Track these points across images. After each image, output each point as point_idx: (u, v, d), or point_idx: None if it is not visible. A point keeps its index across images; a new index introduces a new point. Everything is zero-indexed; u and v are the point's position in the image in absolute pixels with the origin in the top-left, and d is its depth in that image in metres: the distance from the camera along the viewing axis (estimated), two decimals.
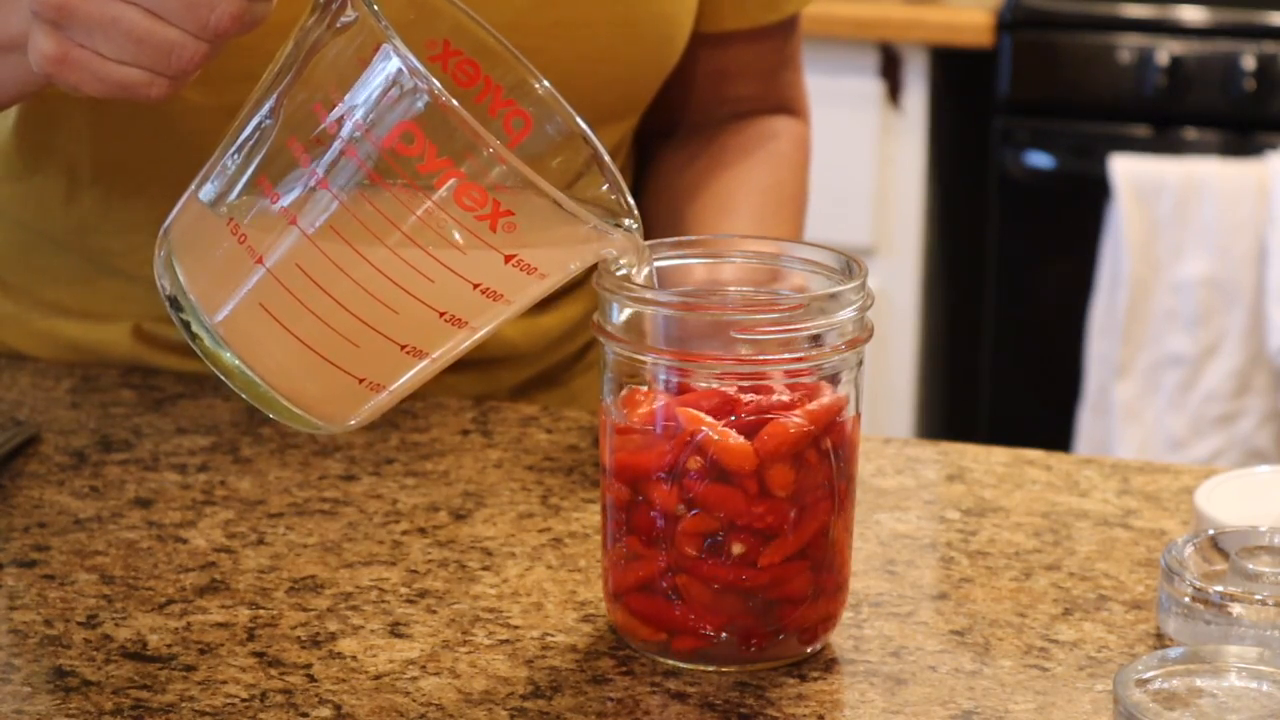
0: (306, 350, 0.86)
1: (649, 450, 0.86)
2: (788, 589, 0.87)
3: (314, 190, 0.83)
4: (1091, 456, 1.14)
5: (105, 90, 0.90)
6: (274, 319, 0.85)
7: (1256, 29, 2.74)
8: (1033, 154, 2.79)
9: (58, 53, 0.89)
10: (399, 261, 0.83)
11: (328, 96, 0.83)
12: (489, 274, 0.84)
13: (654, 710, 0.85)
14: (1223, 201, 2.66)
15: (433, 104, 0.81)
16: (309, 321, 0.85)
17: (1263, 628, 0.88)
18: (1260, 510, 0.96)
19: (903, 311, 2.91)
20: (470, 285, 0.84)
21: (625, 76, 1.18)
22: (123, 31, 0.88)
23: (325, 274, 0.84)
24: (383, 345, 0.85)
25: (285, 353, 0.86)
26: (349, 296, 0.84)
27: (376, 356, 0.86)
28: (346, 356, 0.86)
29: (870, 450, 1.13)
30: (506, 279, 0.85)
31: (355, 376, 0.87)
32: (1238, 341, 2.68)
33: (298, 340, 0.86)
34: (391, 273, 0.83)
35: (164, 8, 0.87)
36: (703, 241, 0.97)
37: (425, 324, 0.85)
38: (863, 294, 0.87)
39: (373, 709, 0.84)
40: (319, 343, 0.85)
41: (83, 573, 0.96)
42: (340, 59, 0.84)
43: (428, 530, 1.01)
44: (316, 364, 0.86)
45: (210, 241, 0.86)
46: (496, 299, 0.85)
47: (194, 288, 0.87)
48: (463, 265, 0.84)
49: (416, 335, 0.86)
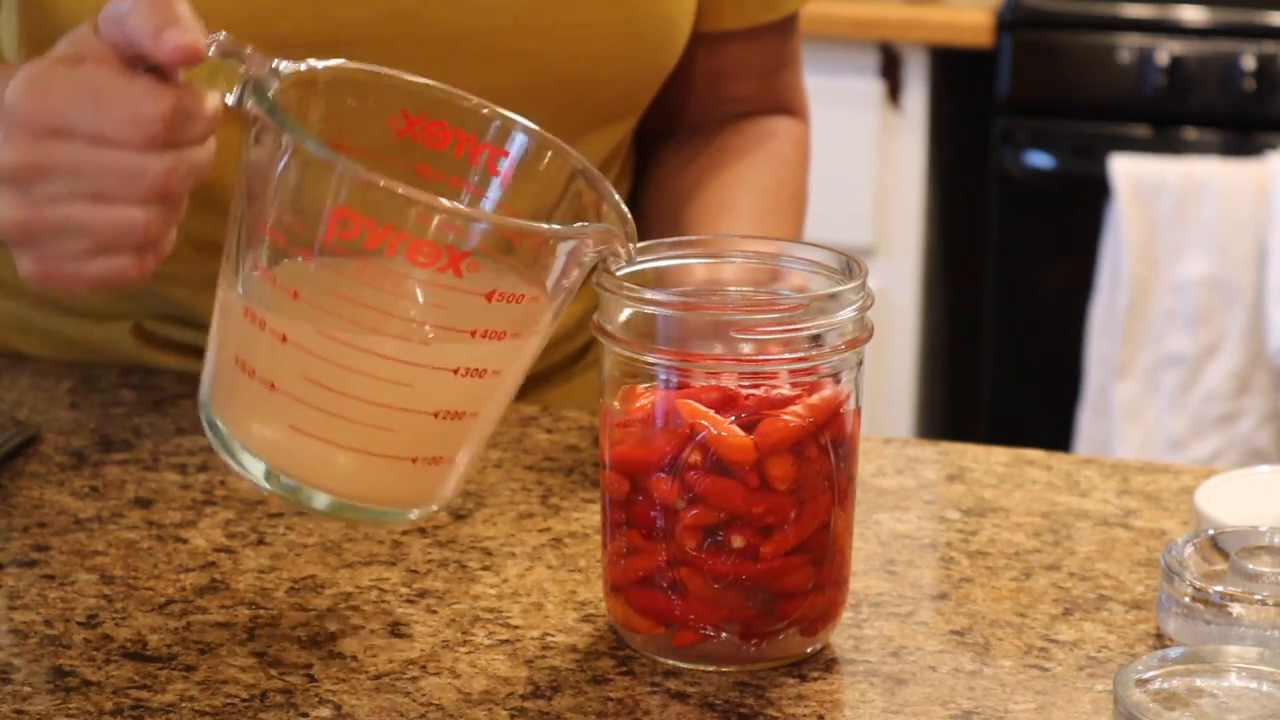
0: (354, 454, 0.86)
1: (649, 444, 0.86)
2: (788, 582, 0.87)
3: (292, 301, 0.84)
4: (1091, 456, 1.14)
5: (95, 290, 0.89)
6: (310, 436, 0.85)
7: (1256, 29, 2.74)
8: (1033, 154, 2.79)
9: (39, 271, 0.88)
10: (392, 340, 0.83)
11: (264, 210, 0.84)
12: (479, 318, 0.84)
13: (654, 710, 0.85)
14: (1223, 201, 2.66)
15: (352, 180, 0.82)
16: (338, 425, 0.85)
17: (1263, 628, 0.88)
18: (1260, 510, 0.96)
19: (903, 311, 2.91)
20: (468, 333, 0.84)
21: (625, 78, 1.18)
22: (76, 230, 0.86)
23: (334, 376, 0.84)
24: (417, 419, 0.85)
25: (336, 465, 0.86)
26: (361, 388, 0.84)
27: (415, 434, 0.86)
28: (388, 444, 0.86)
29: (870, 450, 1.13)
30: (498, 316, 0.84)
31: (407, 459, 0.87)
32: (1238, 341, 2.68)
33: (341, 447, 0.86)
34: (389, 351, 0.83)
35: (104, 189, 0.85)
36: (703, 241, 0.97)
37: (447, 386, 0.85)
38: (863, 294, 0.87)
39: (373, 709, 0.84)
40: (358, 441, 0.85)
41: (83, 573, 0.96)
42: (264, 168, 0.84)
43: (428, 530, 1.01)
44: (367, 461, 0.86)
45: (235, 390, 0.87)
46: (502, 338, 0.85)
47: (249, 443, 0.87)
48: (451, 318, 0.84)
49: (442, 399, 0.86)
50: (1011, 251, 2.87)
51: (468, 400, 0.86)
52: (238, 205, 0.86)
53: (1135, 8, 2.78)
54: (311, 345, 0.84)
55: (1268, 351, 2.67)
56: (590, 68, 1.16)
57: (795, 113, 1.32)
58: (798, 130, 1.31)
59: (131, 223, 0.86)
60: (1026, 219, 2.85)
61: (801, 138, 1.32)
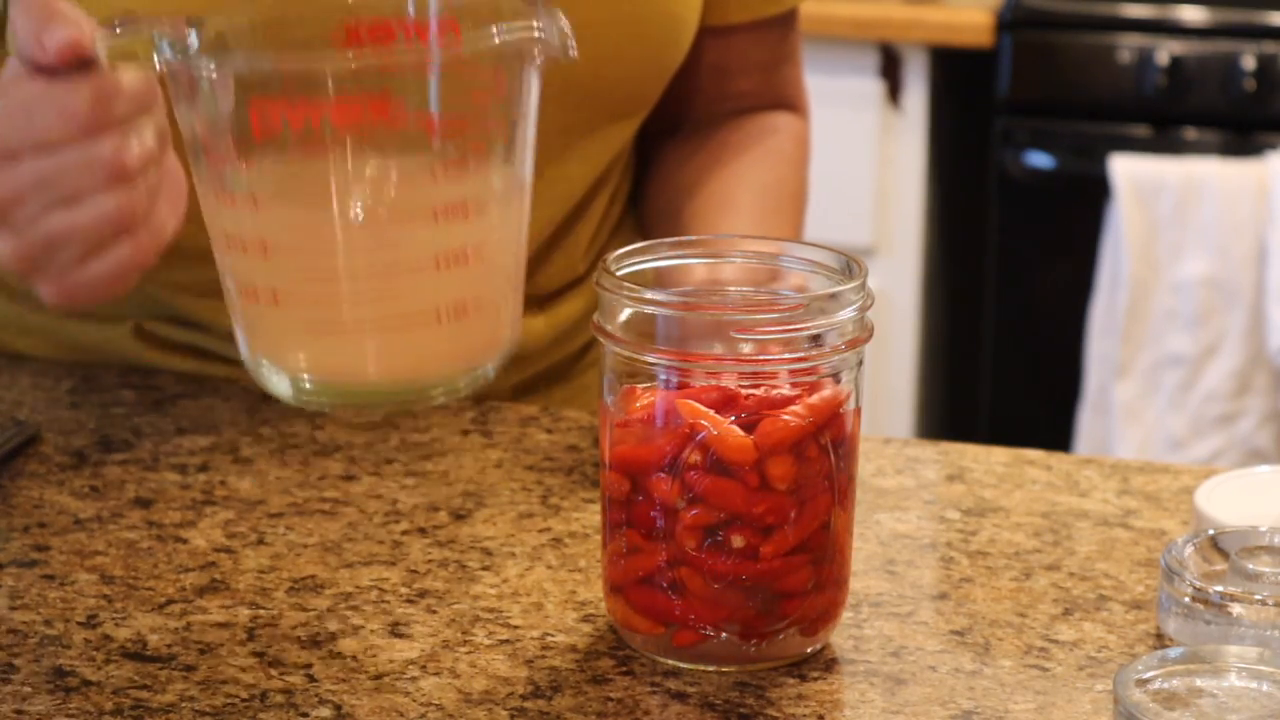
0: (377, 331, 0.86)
1: (649, 444, 0.86)
2: (788, 582, 0.87)
3: (256, 211, 0.85)
4: (1091, 456, 1.14)
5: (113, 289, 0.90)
6: (332, 334, 0.86)
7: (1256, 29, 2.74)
8: (1033, 154, 2.79)
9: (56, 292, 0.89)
10: (359, 208, 0.84)
11: (206, 149, 0.86)
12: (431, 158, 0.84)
13: (654, 710, 0.85)
14: (1223, 201, 2.66)
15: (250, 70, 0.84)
16: (347, 309, 0.85)
17: (1263, 628, 0.88)
18: (1260, 510, 0.96)
19: (903, 311, 2.91)
20: (429, 176, 0.84)
21: (631, 76, 1.18)
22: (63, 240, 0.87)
23: (322, 264, 0.85)
24: (418, 278, 0.85)
25: (366, 348, 0.86)
26: (352, 266, 0.84)
27: (425, 291, 0.85)
28: (404, 310, 0.86)
29: (870, 450, 1.13)
30: (452, 149, 0.85)
31: (431, 319, 0.86)
32: (1238, 341, 2.68)
33: (364, 333, 0.86)
34: (360, 219, 0.84)
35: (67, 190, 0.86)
36: (703, 241, 0.97)
37: (431, 232, 0.85)
38: (863, 294, 0.87)
39: (373, 709, 0.84)
40: (374, 316, 0.85)
41: (83, 573, 0.96)
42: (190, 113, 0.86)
43: (428, 530, 1.01)
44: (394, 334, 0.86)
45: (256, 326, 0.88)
46: (464, 166, 0.85)
47: (270, 360, 0.88)
48: (404, 165, 0.84)
49: (433, 247, 0.85)
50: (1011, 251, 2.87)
51: (461, 240, 0.85)
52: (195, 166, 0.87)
53: (1135, 8, 2.78)
54: (289, 242, 0.85)
55: (1268, 351, 2.67)
56: (597, 67, 1.16)
57: (796, 109, 1.32)
58: (798, 127, 1.31)
59: (106, 211, 0.87)
60: (1026, 219, 2.86)
61: (802, 134, 1.32)
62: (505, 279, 0.88)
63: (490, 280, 0.87)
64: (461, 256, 0.85)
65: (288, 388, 0.88)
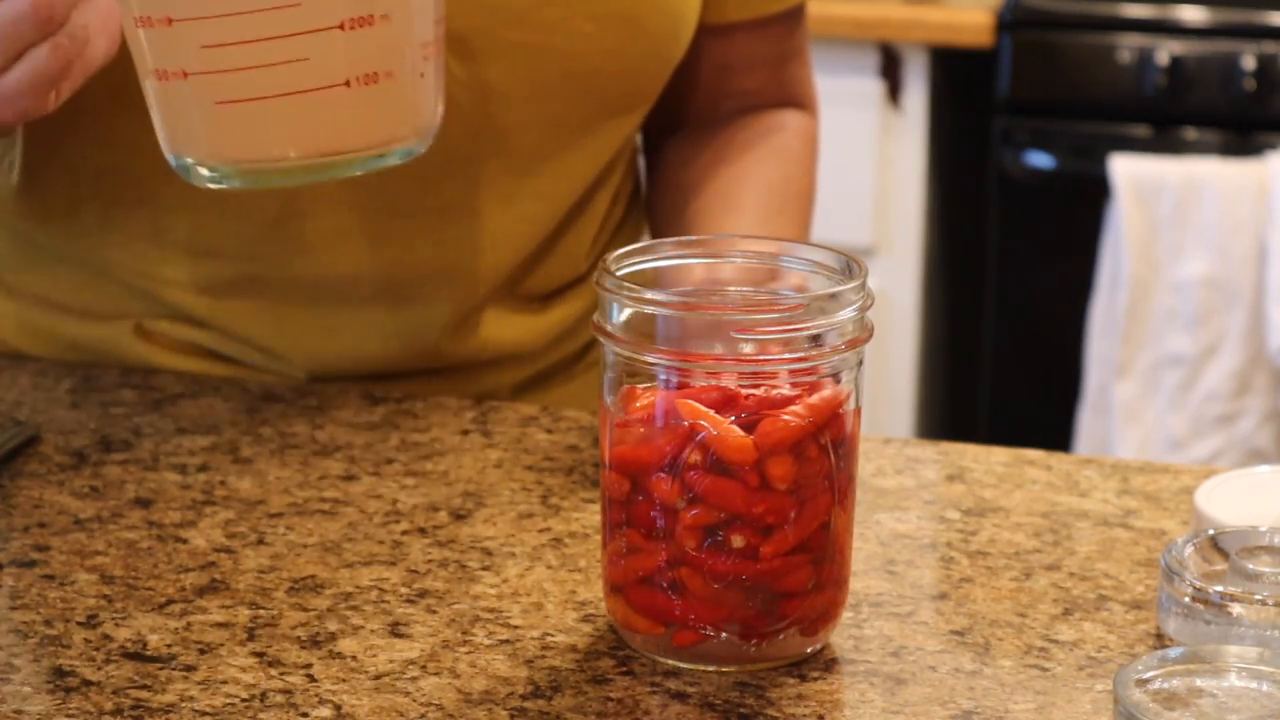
0: (287, 100, 0.85)
1: (649, 444, 0.86)
2: (789, 582, 0.87)
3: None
4: (1091, 456, 1.14)
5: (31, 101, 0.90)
6: (239, 103, 0.84)
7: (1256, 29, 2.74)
8: (1033, 154, 2.79)
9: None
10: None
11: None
12: None
13: (654, 710, 0.85)
14: (1223, 201, 2.66)
15: None
16: (256, 77, 0.84)
17: (1263, 628, 0.88)
18: (1260, 510, 0.96)
19: (903, 311, 2.91)
20: None
21: (631, 71, 1.18)
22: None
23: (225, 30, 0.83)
24: (326, 39, 0.84)
25: (279, 120, 0.85)
26: (253, 29, 0.83)
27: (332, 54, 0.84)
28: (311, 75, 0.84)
29: (870, 450, 1.13)
30: None
31: (340, 84, 0.85)
32: (1238, 341, 2.68)
33: (269, 101, 0.85)
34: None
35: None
36: (703, 241, 0.97)
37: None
38: (863, 294, 0.87)
39: (373, 709, 0.84)
40: (283, 84, 0.84)
41: (83, 573, 0.96)
42: None
43: (428, 530, 1.01)
44: (305, 103, 0.85)
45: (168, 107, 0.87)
46: None
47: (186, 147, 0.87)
48: None
49: (337, 6, 0.84)
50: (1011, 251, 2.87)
51: (367, 2, 0.84)
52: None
53: (1135, 8, 2.78)
54: (188, 9, 0.84)
55: (1268, 351, 2.67)
56: (596, 61, 1.16)
57: (803, 106, 1.32)
58: (805, 125, 1.31)
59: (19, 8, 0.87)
60: (1026, 219, 2.86)
61: (809, 132, 1.31)
62: (420, 49, 0.87)
63: (402, 48, 0.86)
64: (368, 19, 0.84)
65: (206, 173, 0.87)
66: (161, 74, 0.86)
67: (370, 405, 1.17)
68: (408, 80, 0.86)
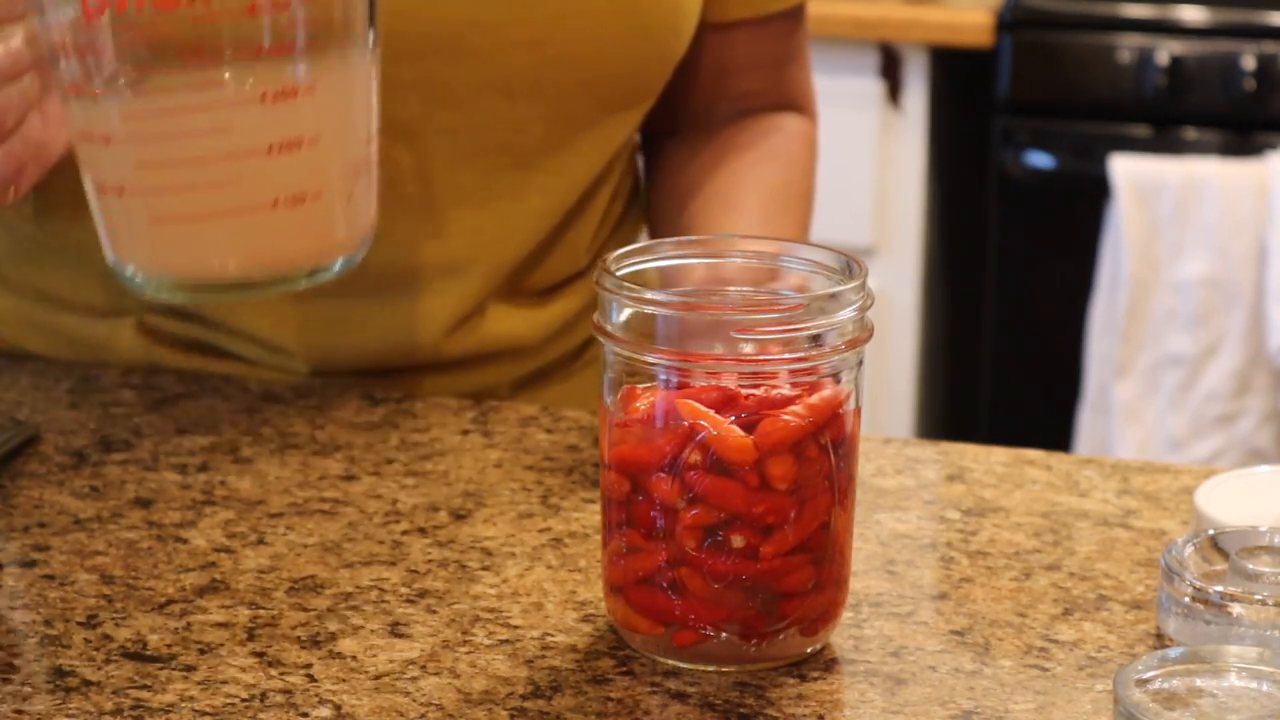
0: (216, 220, 0.86)
1: (649, 444, 0.86)
2: (789, 582, 0.87)
3: (95, 102, 0.86)
4: (1091, 456, 1.14)
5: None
6: (172, 221, 0.86)
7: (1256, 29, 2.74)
8: (1033, 154, 2.79)
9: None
10: (184, 91, 0.85)
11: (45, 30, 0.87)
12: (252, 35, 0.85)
13: (654, 710, 0.85)
14: (1223, 201, 2.66)
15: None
16: (187, 197, 0.86)
17: (1263, 628, 0.88)
18: (1260, 510, 0.96)
19: (903, 311, 2.91)
20: (252, 52, 0.85)
21: (631, 68, 1.18)
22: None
23: (156, 150, 0.85)
24: (254, 163, 0.86)
25: (210, 238, 0.87)
26: (183, 150, 0.85)
27: (259, 177, 0.86)
28: (238, 197, 0.86)
29: (870, 450, 1.13)
30: (281, 27, 0.86)
31: (265, 206, 0.86)
32: (1238, 341, 2.68)
33: (200, 220, 0.86)
34: (185, 103, 0.85)
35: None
36: (703, 241, 0.97)
37: (262, 115, 0.85)
38: (863, 294, 0.87)
39: (373, 709, 0.84)
40: (212, 205, 0.86)
41: (83, 573, 0.96)
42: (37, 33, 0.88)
43: (428, 530, 1.01)
44: (233, 223, 0.86)
45: (108, 220, 0.89)
46: (292, 50, 0.86)
47: (126, 258, 0.89)
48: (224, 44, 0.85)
49: (265, 131, 0.86)
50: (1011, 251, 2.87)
51: (294, 126, 0.86)
52: (53, 66, 0.88)
53: (1135, 8, 2.78)
54: (124, 130, 0.86)
55: (1268, 351, 2.67)
56: (597, 56, 1.16)
57: (802, 109, 1.32)
58: (805, 128, 1.31)
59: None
60: (1026, 219, 2.86)
61: (809, 135, 1.31)
62: (348, 170, 0.88)
63: (329, 171, 0.87)
64: (296, 143, 0.86)
65: (143, 283, 0.89)
66: (101, 187, 0.88)
67: (370, 405, 1.17)
68: (335, 201, 0.89)
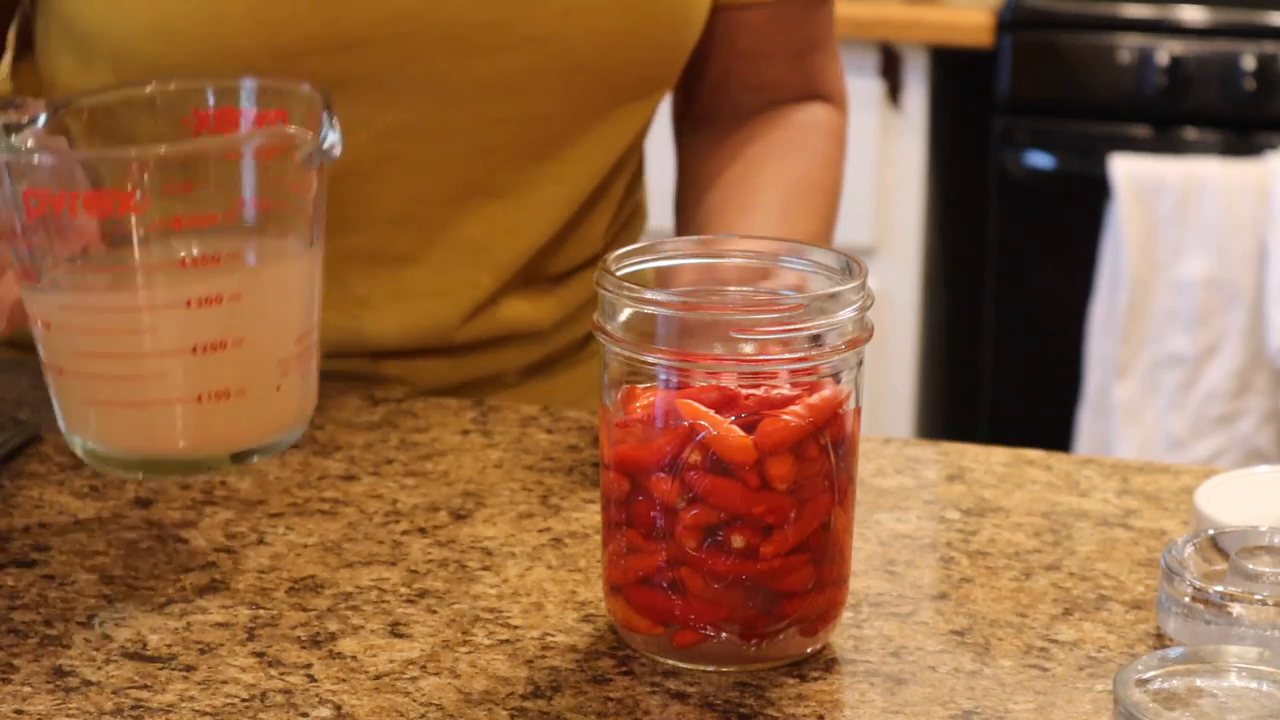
0: (145, 407, 0.92)
1: (649, 444, 0.86)
2: (789, 581, 0.87)
3: (40, 289, 0.92)
4: (1091, 456, 1.14)
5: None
6: (104, 404, 0.93)
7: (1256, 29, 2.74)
8: (1033, 154, 2.79)
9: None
10: (113, 292, 0.90)
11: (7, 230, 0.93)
12: (179, 248, 0.90)
13: (654, 710, 0.85)
14: (1223, 201, 2.66)
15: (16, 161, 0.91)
16: (117, 385, 0.92)
17: (1263, 628, 0.88)
18: (1260, 510, 0.96)
19: (903, 311, 2.91)
20: (178, 264, 0.90)
21: (641, 58, 1.18)
22: None
23: (89, 341, 0.91)
24: (178, 360, 0.91)
25: (139, 423, 0.92)
26: (112, 344, 0.91)
27: (184, 374, 0.91)
28: (166, 390, 0.91)
29: (870, 450, 1.13)
30: (208, 241, 0.90)
31: (191, 399, 0.92)
32: (1238, 341, 2.68)
33: (129, 406, 0.92)
34: (113, 303, 0.90)
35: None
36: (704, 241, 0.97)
37: (186, 320, 0.90)
38: (863, 294, 0.87)
39: (373, 709, 0.84)
40: (139, 394, 0.92)
41: (83, 573, 0.96)
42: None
43: (428, 530, 1.01)
44: (161, 412, 0.92)
45: (55, 394, 0.95)
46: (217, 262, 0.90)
47: (73, 429, 0.95)
48: (150, 255, 0.90)
49: (190, 334, 0.90)
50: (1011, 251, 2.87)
51: (218, 330, 0.90)
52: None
53: (1135, 8, 2.78)
54: (60, 319, 0.92)
55: (1268, 351, 2.67)
56: (605, 49, 1.15)
57: (831, 100, 1.29)
58: (832, 119, 1.28)
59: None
60: (1026, 219, 2.85)
61: (836, 127, 1.28)
62: (276, 367, 0.93)
63: (255, 369, 0.92)
64: (220, 345, 0.91)
65: (80, 450, 0.95)
66: (47, 364, 0.94)
67: (370, 405, 1.17)
68: (260, 396, 0.93)
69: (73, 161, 0.91)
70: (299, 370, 0.94)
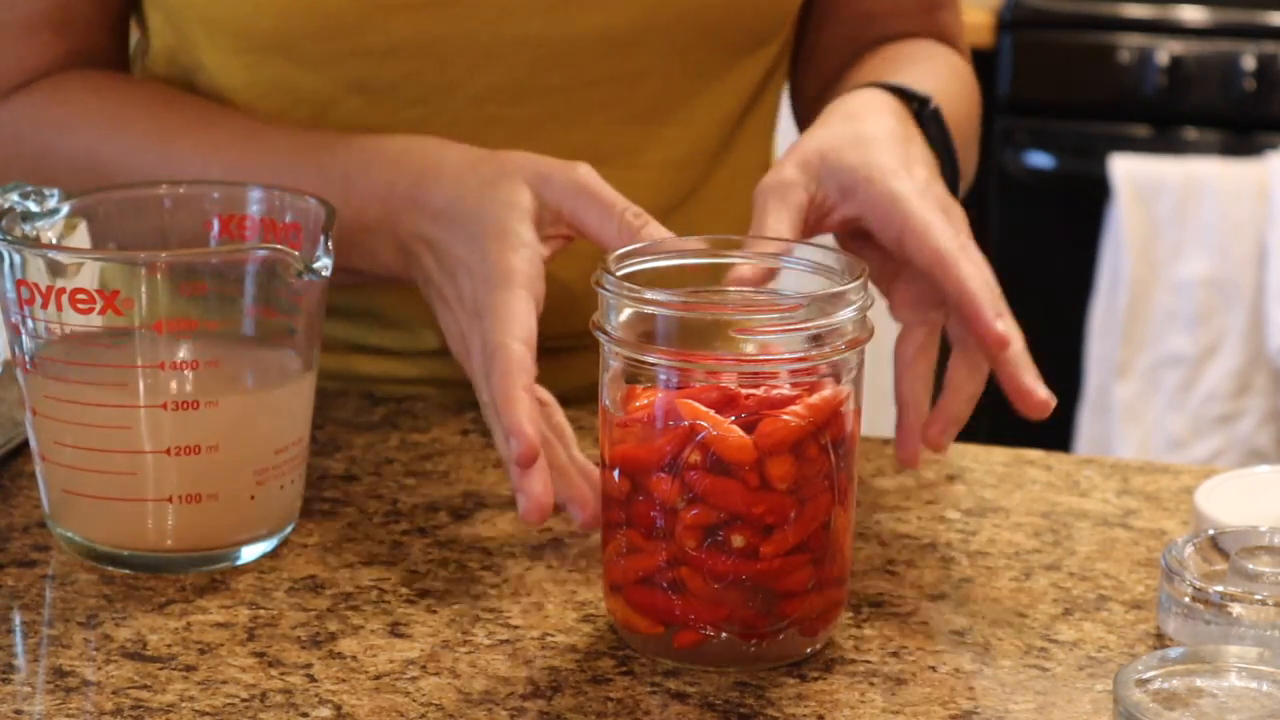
0: (117, 502, 0.94)
1: (649, 444, 0.86)
2: (789, 581, 0.87)
3: (28, 375, 0.95)
4: (1091, 456, 1.14)
5: None
6: (78, 494, 0.95)
7: (1256, 29, 2.74)
8: (1033, 154, 2.79)
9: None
10: (92, 387, 0.93)
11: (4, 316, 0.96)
12: (161, 351, 0.93)
13: (654, 710, 0.85)
14: (1223, 201, 2.66)
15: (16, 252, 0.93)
16: (93, 478, 0.94)
17: (1263, 628, 0.88)
18: (1260, 510, 0.96)
19: None
20: (157, 367, 0.92)
21: (748, 8, 1.14)
22: None
23: (66, 432, 0.94)
24: (153, 460, 0.93)
25: (112, 517, 0.95)
26: (88, 438, 0.93)
27: (157, 474, 0.94)
28: (136, 487, 0.94)
29: (870, 450, 1.13)
30: (192, 348, 0.94)
31: (162, 499, 0.94)
32: (1238, 341, 2.68)
33: (102, 499, 0.94)
34: (91, 398, 0.93)
35: None
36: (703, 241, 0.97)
37: (163, 421, 0.93)
38: (863, 294, 0.87)
39: (373, 709, 0.84)
40: (113, 489, 0.94)
41: (83, 573, 0.96)
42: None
43: (428, 530, 1.01)
44: (134, 508, 0.94)
45: (41, 479, 0.98)
46: (196, 368, 0.93)
47: (53, 515, 0.98)
48: (127, 355, 0.92)
49: (166, 436, 0.93)
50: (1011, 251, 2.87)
51: (194, 434, 0.93)
52: None
53: (1135, 8, 2.78)
54: (42, 409, 0.95)
55: (1268, 351, 2.67)
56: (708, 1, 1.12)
57: (960, 52, 1.25)
58: (965, 65, 1.23)
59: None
60: (1026, 219, 2.85)
61: (969, 73, 1.23)
62: (252, 476, 0.95)
63: (230, 475, 0.94)
64: (195, 449, 0.93)
65: (67, 541, 0.97)
66: (33, 450, 0.97)
67: (370, 405, 1.17)
68: (234, 502, 0.95)
69: (70, 256, 0.94)
70: (278, 481, 0.96)
